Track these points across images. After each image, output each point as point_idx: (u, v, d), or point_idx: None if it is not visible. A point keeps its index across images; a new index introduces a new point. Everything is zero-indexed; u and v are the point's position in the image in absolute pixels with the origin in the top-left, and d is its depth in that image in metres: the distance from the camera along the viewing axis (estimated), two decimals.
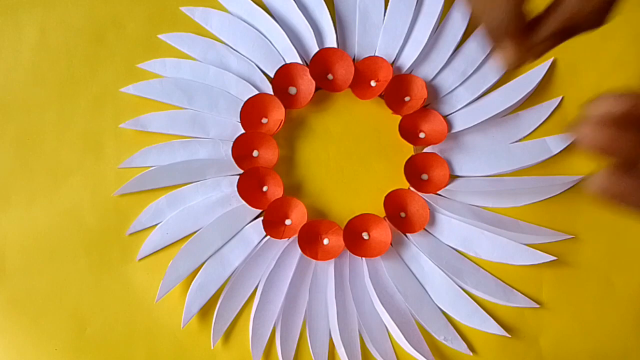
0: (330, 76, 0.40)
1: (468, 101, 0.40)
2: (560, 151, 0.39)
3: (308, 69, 0.40)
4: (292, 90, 0.40)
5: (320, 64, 0.40)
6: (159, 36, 0.41)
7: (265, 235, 0.38)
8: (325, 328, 0.38)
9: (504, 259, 0.38)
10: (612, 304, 0.38)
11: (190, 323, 0.37)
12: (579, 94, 0.40)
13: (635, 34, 0.41)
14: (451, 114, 0.40)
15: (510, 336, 0.37)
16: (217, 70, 0.40)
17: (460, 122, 0.39)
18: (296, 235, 0.38)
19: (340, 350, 0.37)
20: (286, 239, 0.38)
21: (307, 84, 0.40)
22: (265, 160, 0.39)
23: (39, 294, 0.38)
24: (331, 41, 0.40)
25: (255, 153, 0.39)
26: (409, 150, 0.40)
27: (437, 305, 0.38)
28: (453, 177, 0.39)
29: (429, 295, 0.38)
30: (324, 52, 0.40)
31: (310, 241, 0.38)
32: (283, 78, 0.40)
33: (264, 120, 0.40)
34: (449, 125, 0.39)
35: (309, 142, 0.41)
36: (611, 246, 0.38)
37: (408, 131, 0.39)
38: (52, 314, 0.38)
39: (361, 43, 0.40)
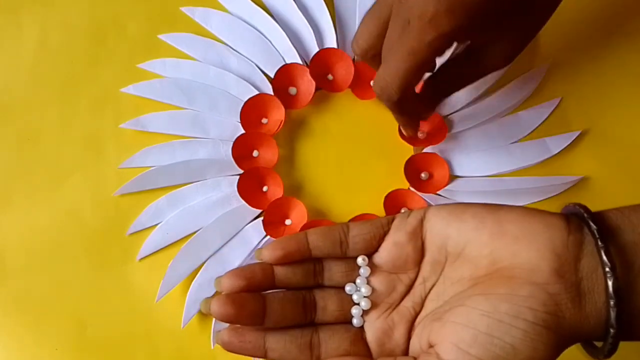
0: (330, 76, 0.40)
1: (468, 101, 0.40)
2: (560, 151, 0.39)
3: (308, 69, 0.40)
4: (292, 90, 0.40)
5: (320, 64, 0.40)
6: (159, 36, 0.41)
7: (265, 235, 0.38)
8: None
9: None
10: None
11: (190, 323, 0.37)
12: (579, 94, 0.40)
13: (635, 34, 0.41)
14: (451, 114, 0.40)
15: None
16: (217, 70, 0.40)
17: (460, 122, 0.39)
18: None
19: None
20: None
21: (307, 84, 0.40)
22: (265, 160, 0.39)
23: (39, 293, 0.38)
24: (331, 41, 0.40)
25: (255, 153, 0.39)
26: (409, 150, 0.40)
27: None
28: (453, 177, 0.39)
29: None
30: (324, 52, 0.40)
31: None
32: (283, 78, 0.40)
33: (264, 120, 0.40)
34: (449, 125, 0.39)
35: (309, 142, 0.41)
36: None
37: None
38: (52, 314, 0.38)
39: None
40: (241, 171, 0.39)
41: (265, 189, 0.39)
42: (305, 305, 0.28)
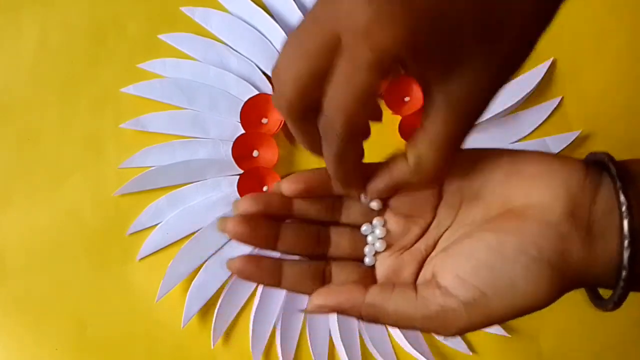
0: None
1: None
2: (560, 151, 0.39)
3: None
4: None
5: None
6: (159, 36, 0.41)
7: None
8: (325, 328, 0.38)
9: None
10: None
11: (190, 323, 0.37)
12: (579, 94, 0.40)
13: (635, 34, 0.41)
14: None
15: (510, 336, 0.37)
16: (217, 70, 0.40)
17: None
18: None
19: (340, 350, 0.37)
20: None
21: None
22: (265, 160, 0.39)
23: (39, 293, 0.38)
24: None
25: (255, 153, 0.39)
26: None
27: None
28: None
29: None
30: None
31: None
32: None
33: (264, 120, 0.40)
34: None
35: None
36: None
37: (408, 131, 0.39)
38: (52, 314, 0.38)
39: None
40: (241, 171, 0.39)
41: (265, 189, 0.39)
42: (319, 238, 0.27)
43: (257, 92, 0.40)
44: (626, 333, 0.38)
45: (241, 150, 0.39)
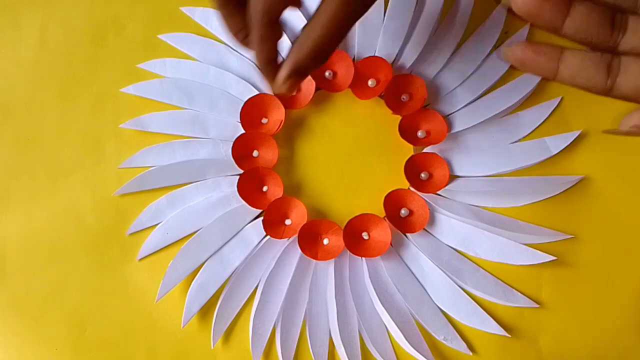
0: (330, 76, 0.40)
1: (468, 101, 0.40)
2: (560, 151, 0.39)
3: None
4: None
5: None
6: (159, 36, 0.41)
7: (265, 235, 0.38)
8: (325, 328, 0.38)
9: (504, 258, 0.38)
10: (612, 303, 0.38)
11: (190, 323, 0.37)
12: (578, 94, 0.40)
13: None
14: (451, 114, 0.40)
15: (510, 336, 0.37)
16: (217, 70, 0.40)
17: (460, 122, 0.39)
18: (296, 235, 0.38)
19: (340, 350, 0.37)
20: (286, 239, 0.38)
21: (307, 84, 0.40)
22: (265, 160, 0.39)
23: (39, 294, 0.38)
24: None
25: (255, 153, 0.39)
26: (409, 150, 0.40)
27: (437, 305, 0.38)
28: (453, 177, 0.39)
29: (429, 295, 0.38)
30: None
31: (310, 241, 0.38)
32: None
33: (264, 120, 0.40)
34: (449, 125, 0.39)
35: (309, 142, 0.41)
36: (611, 246, 0.38)
37: (408, 131, 0.39)
38: (52, 314, 0.38)
39: (361, 43, 0.40)
40: (241, 171, 0.39)
41: (265, 189, 0.39)
42: (613, 21, 0.24)
43: (257, 92, 0.40)
44: (626, 333, 0.38)
45: (241, 150, 0.39)
